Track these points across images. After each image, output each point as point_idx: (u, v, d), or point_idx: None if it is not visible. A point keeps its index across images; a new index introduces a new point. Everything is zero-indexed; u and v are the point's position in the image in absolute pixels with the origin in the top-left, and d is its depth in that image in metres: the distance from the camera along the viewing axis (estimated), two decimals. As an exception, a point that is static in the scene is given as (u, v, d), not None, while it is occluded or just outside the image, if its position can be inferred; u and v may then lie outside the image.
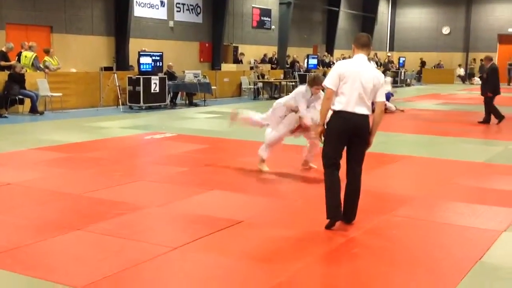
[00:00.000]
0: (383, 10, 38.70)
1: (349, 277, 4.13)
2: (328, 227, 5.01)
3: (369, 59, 5.19)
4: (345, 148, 5.10)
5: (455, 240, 4.91)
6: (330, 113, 5.09)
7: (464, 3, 36.85)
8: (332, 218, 5.00)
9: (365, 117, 5.01)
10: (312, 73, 7.05)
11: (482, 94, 13.64)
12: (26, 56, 14.76)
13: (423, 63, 36.29)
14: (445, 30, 37.88)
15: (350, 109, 4.96)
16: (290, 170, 7.62)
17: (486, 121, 13.44)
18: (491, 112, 13.47)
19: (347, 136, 5.01)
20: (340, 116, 4.98)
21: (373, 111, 5.11)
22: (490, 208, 5.92)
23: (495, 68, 13.61)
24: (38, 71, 14.77)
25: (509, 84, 33.29)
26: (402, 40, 38.99)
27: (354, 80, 4.95)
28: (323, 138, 5.17)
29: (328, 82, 5.05)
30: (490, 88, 13.39)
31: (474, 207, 5.98)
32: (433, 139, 11.00)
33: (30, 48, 14.97)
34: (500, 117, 13.40)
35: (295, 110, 7.13)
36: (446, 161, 8.63)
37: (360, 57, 5.12)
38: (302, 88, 7.15)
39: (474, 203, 6.13)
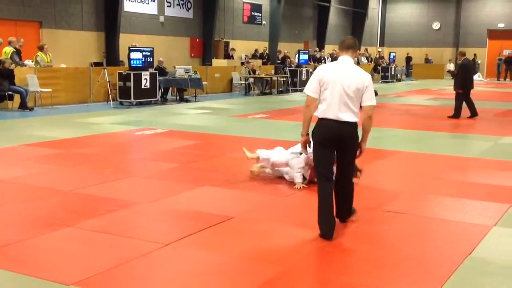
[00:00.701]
0: (374, 6, 38.76)
1: (340, 272, 4.15)
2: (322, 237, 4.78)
3: (360, 55, 5.09)
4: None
5: (445, 235, 4.94)
6: None
7: (454, -1, 37.03)
8: (323, 236, 4.72)
9: (350, 124, 4.68)
10: None
11: (454, 89, 13.81)
12: (5, 52, 14.64)
13: (408, 59, 36.28)
14: (435, 25, 38.03)
15: (332, 116, 4.67)
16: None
17: (456, 116, 13.54)
18: (467, 106, 13.61)
19: (333, 144, 4.75)
20: (322, 124, 4.74)
21: None
22: (480, 203, 5.97)
23: (465, 64, 13.69)
24: (18, 66, 14.54)
25: (498, 79, 33.52)
26: (392, 36, 39.09)
27: (334, 84, 4.66)
28: (308, 148, 4.96)
29: (307, 88, 4.81)
30: (459, 83, 13.56)
31: (463, 202, 6.02)
32: (423, 134, 11.05)
33: (9, 44, 14.83)
34: (456, 114, 13.52)
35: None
36: (436, 156, 8.68)
37: (344, 59, 4.83)
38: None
39: (464, 198, 6.17)
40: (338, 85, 4.65)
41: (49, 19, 18.32)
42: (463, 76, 13.50)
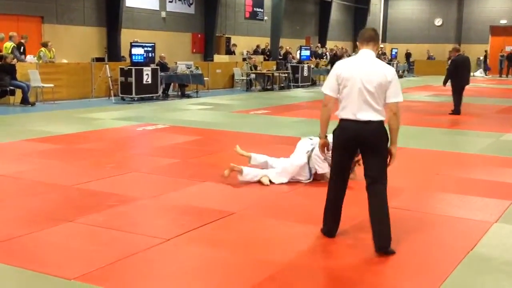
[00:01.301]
0: (376, 2, 38.67)
1: (342, 268, 4.15)
2: (325, 234, 4.67)
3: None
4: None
5: (447, 231, 4.94)
6: None
7: (456, -5, 36.95)
8: (326, 233, 4.63)
9: (372, 123, 4.24)
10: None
11: (443, 84, 14.09)
12: (6, 47, 14.63)
13: (407, 55, 36.13)
14: (438, 21, 37.95)
15: (351, 116, 4.27)
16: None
17: (455, 112, 13.61)
18: (453, 100, 13.69)
19: (353, 148, 4.38)
20: (341, 126, 4.37)
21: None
22: (481, 199, 5.96)
23: (455, 59, 13.73)
24: (18, 61, 14.49)
25: (500, 76, 33.46)
26: (394, 32, 39.02)
27: (354, 81, 4.26)
28: (327, 152, 4.66)
29: (324, 86, 4.46)
30: (446, 79, 13.76)
31: (465, 198, 6.02)
32: (425, 131, 11.03)
33: (10, 39, 14.82)
34: (455, 110, 13.54)
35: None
36: (438, 152, 8.67)
37: (364, 53, 4.40)
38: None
39: (466, 194, 6.16)
40: (358, 81, 4.25)
41: (51, 14, 18.30)
42: (453, 72, 13.57)
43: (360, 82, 4.24)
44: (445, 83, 13.96)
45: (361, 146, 4.34)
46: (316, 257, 4.37)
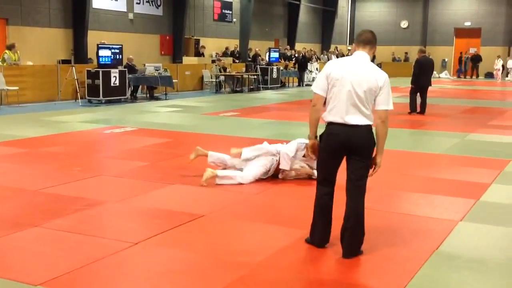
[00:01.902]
0: (343, 4, 39.05)
1: (310, 268, 4.17)
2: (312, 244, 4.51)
3: (330, 53, 4.76)
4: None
5: (413, 230, 5.01)
6: None
7: (422, -3, 37.54)
8: (314, 243, 4.47)
9: (360, 128, 4.14)
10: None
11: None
12: None
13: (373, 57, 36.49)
14: (404, 24, 38.49)
15: (339, 119, 4.15)
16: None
17: (410, 110, 14.00)
18: (410, 100, 14.08)
19: (340, 152, 4.23)
20: (328, 128, 4.24)
21: None
22: (447, 198, 6.07)
23: (419, 60, 14.16)
24: None
25: (465, 77, 34.15)
26: (362, 34, 39.31)
27: (344, 82, 4.13)
28: (313, 155, 4.46)
29: (314, 85, 4.30)
30: (412, 79, 14.15)
31: (430, 197, 6.12)
32: (391, 131, 11.09)
33: None
34: (411, 109, 13.96)
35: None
36: (404, 152, 8.79)
37: (358, 55, 4.27)
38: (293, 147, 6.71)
39: (431, 193, 6.27)
40: (348, 83, 4.12)
41: (16, 16, 17.96)
42: (416, 72, 13.89)
43: (350, 84, 4.12)
44: (413, 82, 14.17)
45: (347, 151, 4.22)
46: (285, 258, 4.38)
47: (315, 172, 6.25)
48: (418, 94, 14.05)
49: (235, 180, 6.45)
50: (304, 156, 6.66)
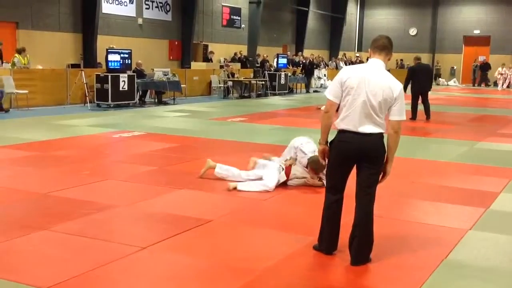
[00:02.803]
0: (352, 11, 39.05)
1: (318, 275, 4.16)
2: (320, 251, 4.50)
3: (338, 60, 4.74)
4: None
5: (422, 239, 4.98)
6: None
7: (431, 5, 37.43)
8: (322, 250, 4.46)
9: (373, 136, 4.12)
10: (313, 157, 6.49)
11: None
12: None
13: None
14: (412, 31, 38.43)
15: (352, 127, 4.11)
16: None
17: (412, 117, 13.95)
18: (411, 107, 14.06)
19: (351, 159, 4.22)
20: (342, 138, 4.20)
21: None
22: (456, 207, 6.03)
23: (412, 67, 14.29)
24: None
25: (474, 85, 34.03)
26: (370, 41, 38.80)
27: (359, 90, 4.08)
28: (327, 160, 4.38)
29: (327, 91, 4.25)
30: (405, 85, 14.04)
31: (439, 205, 6.09)
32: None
33: None
34: (413, 115, 13.98)
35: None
36: (413, 160, 8.75)
37: (373, 62, 4.22)
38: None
39: (440, 201, 6.23)
40: (363, 93, 4.07)
41: (26, 20, 18.07)
42: (408, 79, 13.94)
43: (365, 94, 4.07)
44: (405, 88, 14.22)
45: (359, 159, 4.20)
46: (293, 264, 4.37)
47: (317, 181, 6.33)
48: (420, 100, 14.05)
49: (258, 188, 6.43)
50: (306, 167, 6.69)
